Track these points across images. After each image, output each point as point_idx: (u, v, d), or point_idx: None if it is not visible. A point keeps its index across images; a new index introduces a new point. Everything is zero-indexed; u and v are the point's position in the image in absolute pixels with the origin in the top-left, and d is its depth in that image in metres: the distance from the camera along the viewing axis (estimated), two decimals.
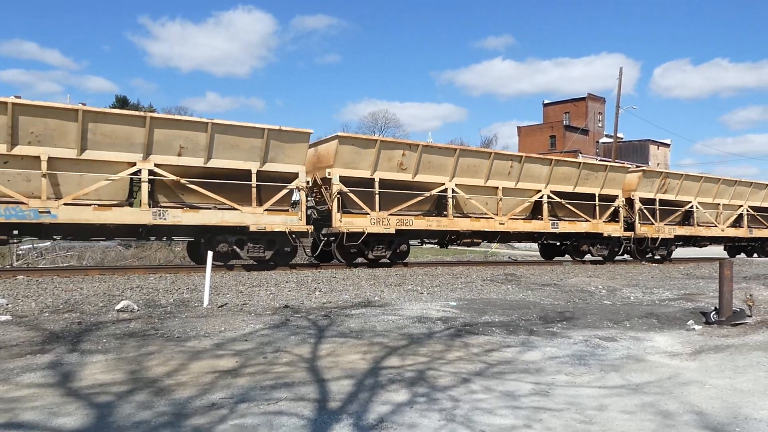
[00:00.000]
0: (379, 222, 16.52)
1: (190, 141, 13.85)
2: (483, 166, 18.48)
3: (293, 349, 6.35)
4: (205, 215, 14.09)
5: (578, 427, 4.13)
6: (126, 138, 13.19)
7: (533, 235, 20.58)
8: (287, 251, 15.73)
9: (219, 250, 14.32)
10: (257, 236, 14.87)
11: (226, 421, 4.11)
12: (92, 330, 7.24)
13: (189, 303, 9.52)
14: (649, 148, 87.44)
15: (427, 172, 17.43)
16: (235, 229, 14.61)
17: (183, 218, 13.85)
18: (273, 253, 15.28)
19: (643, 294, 12.30)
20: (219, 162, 14.29)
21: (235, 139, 14.36)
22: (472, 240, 18.98)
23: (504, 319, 8.67)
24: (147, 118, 13.30)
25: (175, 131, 13.72)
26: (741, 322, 8.69)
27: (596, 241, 21.64)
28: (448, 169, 17.79)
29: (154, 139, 13.44)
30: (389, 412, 4.36)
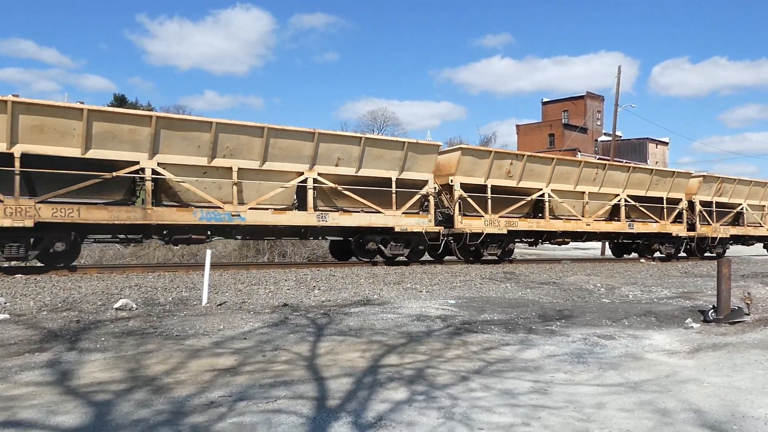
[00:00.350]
0: (492, 223, 18.50)
1: (345, 153, 15.94)
2: (573, 173, 20.61)
3: (292, 348, 6.36)
4: (356, 218, 16.26)
5: (576, 425, 4.14)
6: (297, 151, 15.21)
7: (611, 235, 22.57)
8: (420, 249, 17.90)
9: (369, 248, 16.72)
10: (398, 236, 17.06)
11: (224, 419, 4.12)
12: (91, 328, 7.23)
13: (188, 301, 9.52)
14: (647, 147, 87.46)
15: (528, 179, 19.53)
16: (380, 230, 16.76)
17: (340, 220, 15.97)
18: (409, 251, 17.43)
19: (642, 292, 12.32)
20: (367, 171, 16.38)
21: (380, 151, 16.49)
22: (563, 239, 20.95)
23: (503, 318, 8.68)
24: (315, 134, 15.31)
25: (335, 145, 15.78)
26: (739, 320, 8.70)
27: (664, 240, 23.58)
28: (545, 176, 19.92)
29: (318, 152, 15.44)
30: (388, 410, 4.36)
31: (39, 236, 12.70)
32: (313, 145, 15.22)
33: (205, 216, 14.05)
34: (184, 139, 13.73)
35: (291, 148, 15.01)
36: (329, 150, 15.56)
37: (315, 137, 15.19)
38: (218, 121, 14.02)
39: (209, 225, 14.40)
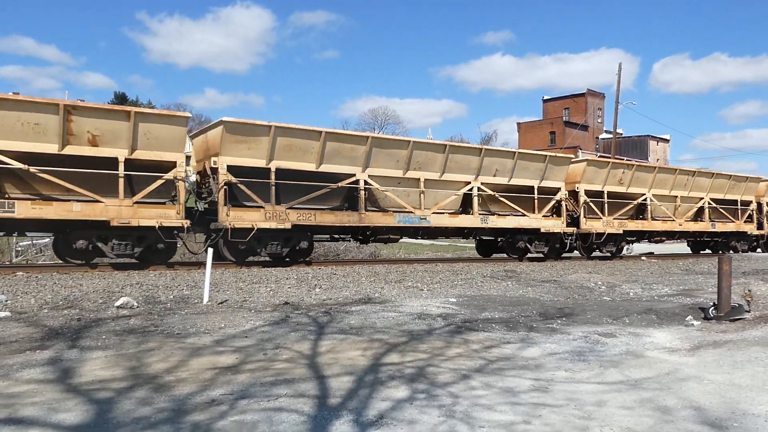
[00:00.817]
0: (609, 224, 21.07)
1: (502, 165, 18.48)
2: (669, 179, 23.29)
3: (293, 346, 6.36)
4: (510, 220, 18.69)
5: (577, 423, 4.15)
6: (467, 164, 17.80)
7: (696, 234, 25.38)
8: (557, 247, 20.09)
9: (518, 246, 19.20)
10: (541, 236, 19.44)
11: (225, 417, 4.12)
12: (92, 326, 7.25)
13: (189, 300, 9.53)
14: (648, 144, 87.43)
15: (635, 185, 22.10)
16: (524, 231, 19.03)
17: (497, 222, 18.47)
18: (548, 249, 19.75)
19: (643, 290, 12.32)
20: (516, 180, 18.86)
21: (526, 163, 18.99)
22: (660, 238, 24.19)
23: (504, 316, 8.68)
24: (482, 149, 18.24)
25: (494, 158, 18.38)
26: (739, 317, 8.70)
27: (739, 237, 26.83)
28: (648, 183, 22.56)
29: (482, 164, 17.98)
30: (389, 409, 4.36)
31: (290, 236, 15.09)
32: (479, 159, 17.85)
33: (401, 219, 16.77)
34: (387, 155, 16.38)
35: (462, 161, 17.63)
36: (490, 163, 18.15)
37: (482, 152, 18.04)
38: (414, 140, 17.12)
39: (403, 227, 17.01)
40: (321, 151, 15.18)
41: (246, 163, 14.46)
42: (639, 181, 22.32)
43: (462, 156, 17.76)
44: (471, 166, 17.87)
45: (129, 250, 13.37)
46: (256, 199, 14.54)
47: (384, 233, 17.02)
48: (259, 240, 14.75)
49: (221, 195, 14.05)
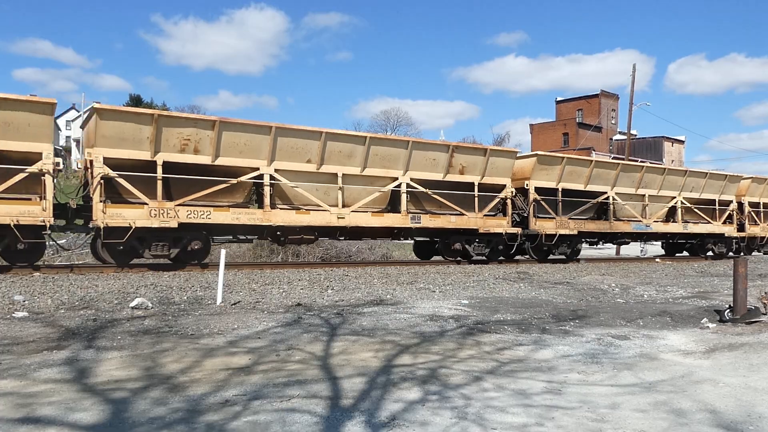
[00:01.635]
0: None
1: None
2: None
3: (306, 347, 6.39)
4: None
5: (590, 426, 4.13)
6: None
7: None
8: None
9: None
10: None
11: (239, 417, 4.15)
12: (107, 327, 7.32)
13: (202, 301, 9.59)
14: (663, 145, 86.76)
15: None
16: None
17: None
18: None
19: (657, 292, 12.24)
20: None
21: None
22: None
23: (516, 318, 8.66)
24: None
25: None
26: (756, 320, 8.62)
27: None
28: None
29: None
30: (401, 410, 4.37)
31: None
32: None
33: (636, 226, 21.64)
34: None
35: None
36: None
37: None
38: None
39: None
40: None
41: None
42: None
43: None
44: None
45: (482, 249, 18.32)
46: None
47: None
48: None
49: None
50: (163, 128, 13.38)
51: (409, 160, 16.75)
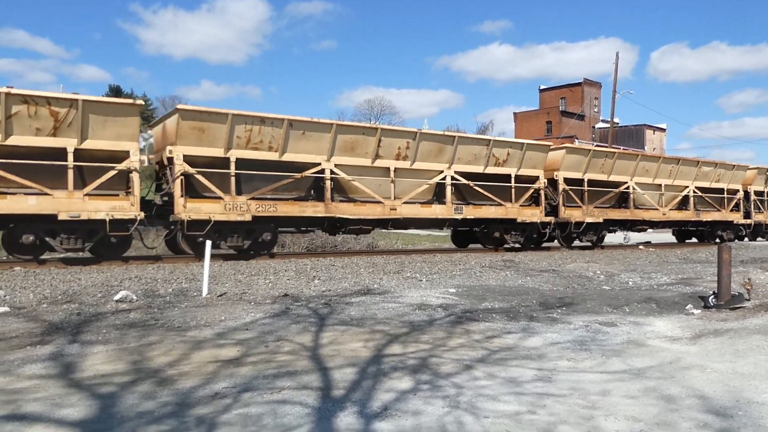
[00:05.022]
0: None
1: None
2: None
3: (295, 338, 6.35)
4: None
5: (582, 412, 4.14)
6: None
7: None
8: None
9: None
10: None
11: (230, 410, 4.11)
12: (92, 321, 7.22)
13: (188, 292, 9.50)
14: (645, 133, 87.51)
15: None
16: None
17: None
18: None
19: (642, 279, 12.33)
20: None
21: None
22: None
23: (504, 306, 8.68)
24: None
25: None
26: (739, 306, 8.72)
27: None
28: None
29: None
30: (393, 400, 4.36)
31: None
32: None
33: None
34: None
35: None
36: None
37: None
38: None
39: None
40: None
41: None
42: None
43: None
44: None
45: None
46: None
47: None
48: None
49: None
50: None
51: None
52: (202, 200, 14.10)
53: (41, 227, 12.62)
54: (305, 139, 15.29)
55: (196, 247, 14.04)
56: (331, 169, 15.71)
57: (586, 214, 20.79)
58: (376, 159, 16.35)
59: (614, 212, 21.98)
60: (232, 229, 14.62)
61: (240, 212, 14.46)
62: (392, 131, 17.29)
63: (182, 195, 13.74)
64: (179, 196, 13.70)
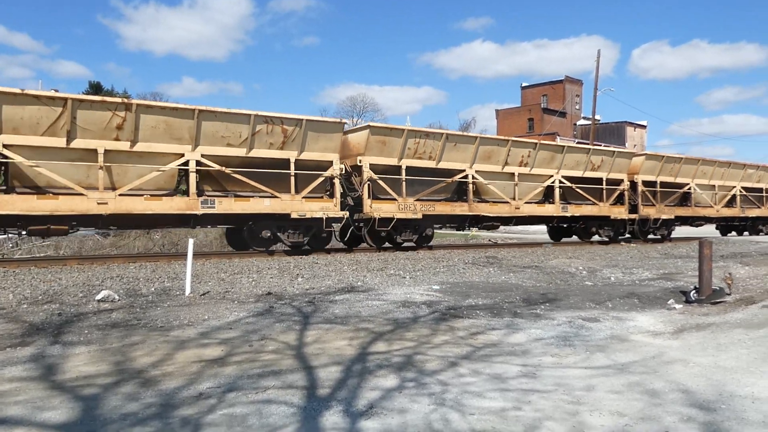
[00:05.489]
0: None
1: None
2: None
3: (279, 337, 6.32)
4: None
5: (567, 408, 4.16)
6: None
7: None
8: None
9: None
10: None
11: (215, 410, 4.08)
12: (73, 321, 7.13)
13: (171, 292, 9.42)
14: (625, 130, 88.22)
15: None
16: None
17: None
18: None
19: (623, 274, 12.44)
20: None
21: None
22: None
23: (488, 302, 8.71)
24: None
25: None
26: (720, 300, 8.83)
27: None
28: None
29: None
30: (379, 398, 4.35)
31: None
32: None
33: None
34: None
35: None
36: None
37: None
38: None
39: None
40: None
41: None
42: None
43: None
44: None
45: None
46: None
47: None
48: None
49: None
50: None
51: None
52: (381, 201, 16.96)
53: (274, 224, 15.54)
54: (456, 149, 18.34)
55: (377, 240, 17.47)
56: (472, 174, 18.79)
57: (660, 212, 23.83)
58: (505, 166, 19.35)
59: (680, 210, 25.14)
60: (405, 226, 17.61)
61: (413, 211, 17.46)
62: (518, 142, 20.08)
63: (369, 197, 16.56)
64: (367, 198, 16.50)
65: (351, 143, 16.92)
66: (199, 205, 14.10)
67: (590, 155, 21.76)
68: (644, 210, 23.46)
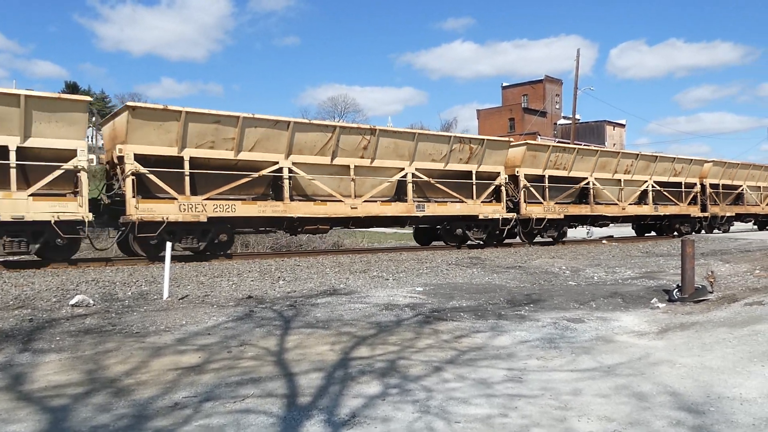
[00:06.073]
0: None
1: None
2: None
3: (259, 342, 6.15)
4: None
5: (555, 414, 4.06)
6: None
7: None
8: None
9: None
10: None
11: (190, 422, 3.91)
12: (45, 327, 6.89)
13: (148, 296, 9.20)
14: (605, 129, 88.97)
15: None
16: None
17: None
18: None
19: (606, 273, 12.41)
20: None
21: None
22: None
23: (472, 304, 8.60)
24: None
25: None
26: (703, 298, 8.81)
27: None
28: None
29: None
30: (362, 406, 4.21)
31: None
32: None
33: None
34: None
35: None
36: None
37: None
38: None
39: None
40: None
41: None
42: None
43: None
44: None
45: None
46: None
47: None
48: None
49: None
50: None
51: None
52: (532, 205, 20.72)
53: (463, 224, 18.97)
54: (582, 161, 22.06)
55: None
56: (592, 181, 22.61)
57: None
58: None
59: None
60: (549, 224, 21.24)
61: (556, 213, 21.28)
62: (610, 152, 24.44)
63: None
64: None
65: (509, 157, 20.00)
66: (415, 209, 17.79)
67: (675, 163, 25.69)
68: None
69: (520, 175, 20.55)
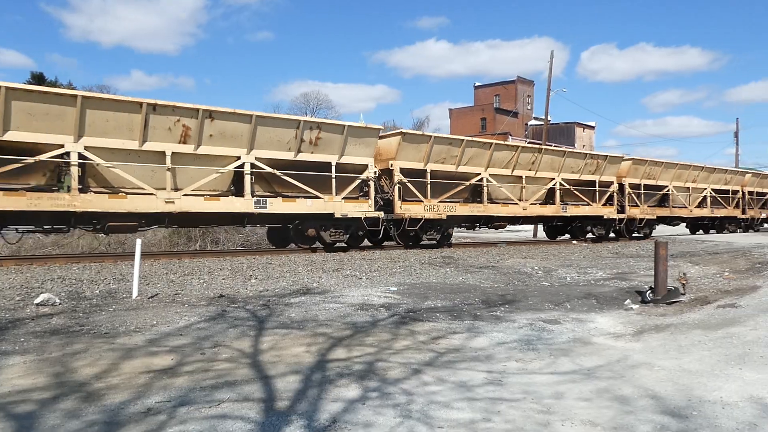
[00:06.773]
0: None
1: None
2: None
3: (233, 344, 6.00)
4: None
5: (538, 418, 4.01)
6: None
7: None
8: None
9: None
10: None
11: (165, 428, 3.76)
12: (8, 328, 6.64)
13: (117, 294, 8.95)
14: (575, 130, 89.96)
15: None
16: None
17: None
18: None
19: (578, 274, 12.49)
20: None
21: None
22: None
23: (447, 304, 8.55)
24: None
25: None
26: (676, 300, 8.90)
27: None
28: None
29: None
30: (341, 411, 4.11)
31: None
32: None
33: None
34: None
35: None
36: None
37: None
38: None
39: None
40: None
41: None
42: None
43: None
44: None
45: None
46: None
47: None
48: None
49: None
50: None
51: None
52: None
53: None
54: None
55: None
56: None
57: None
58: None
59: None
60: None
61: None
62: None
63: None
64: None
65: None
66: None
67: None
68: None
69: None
